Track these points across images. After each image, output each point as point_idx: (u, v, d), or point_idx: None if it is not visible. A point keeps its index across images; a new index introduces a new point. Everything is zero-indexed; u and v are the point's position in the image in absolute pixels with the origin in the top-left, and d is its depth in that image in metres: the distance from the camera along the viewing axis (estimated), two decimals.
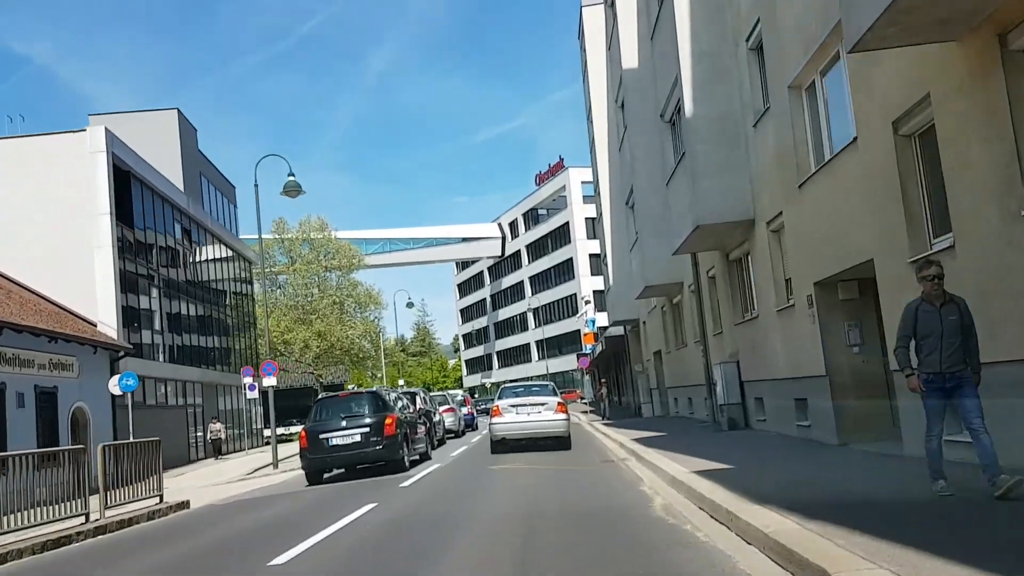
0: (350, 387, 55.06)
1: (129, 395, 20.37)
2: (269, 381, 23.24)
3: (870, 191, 9.83)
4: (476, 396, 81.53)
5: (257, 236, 26.36)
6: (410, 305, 55.85)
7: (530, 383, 22.45)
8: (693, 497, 8.57)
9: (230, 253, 41.65)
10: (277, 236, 63.68)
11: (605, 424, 26.53)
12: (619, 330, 37.38)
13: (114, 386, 20.13)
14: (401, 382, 60.85)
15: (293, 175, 23.49)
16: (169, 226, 33.14)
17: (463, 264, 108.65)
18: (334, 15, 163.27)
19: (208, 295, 37.82)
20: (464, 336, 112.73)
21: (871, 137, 9.69)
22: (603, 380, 33.63)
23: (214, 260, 39.20)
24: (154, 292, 30.83)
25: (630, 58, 22.23)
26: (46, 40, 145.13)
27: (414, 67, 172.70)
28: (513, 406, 17.49)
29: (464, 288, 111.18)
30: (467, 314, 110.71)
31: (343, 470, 15.63)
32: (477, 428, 34.06)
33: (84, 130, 27.09)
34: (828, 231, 11.38)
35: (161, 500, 13.47)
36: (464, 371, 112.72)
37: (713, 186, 14.54)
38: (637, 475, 11.59)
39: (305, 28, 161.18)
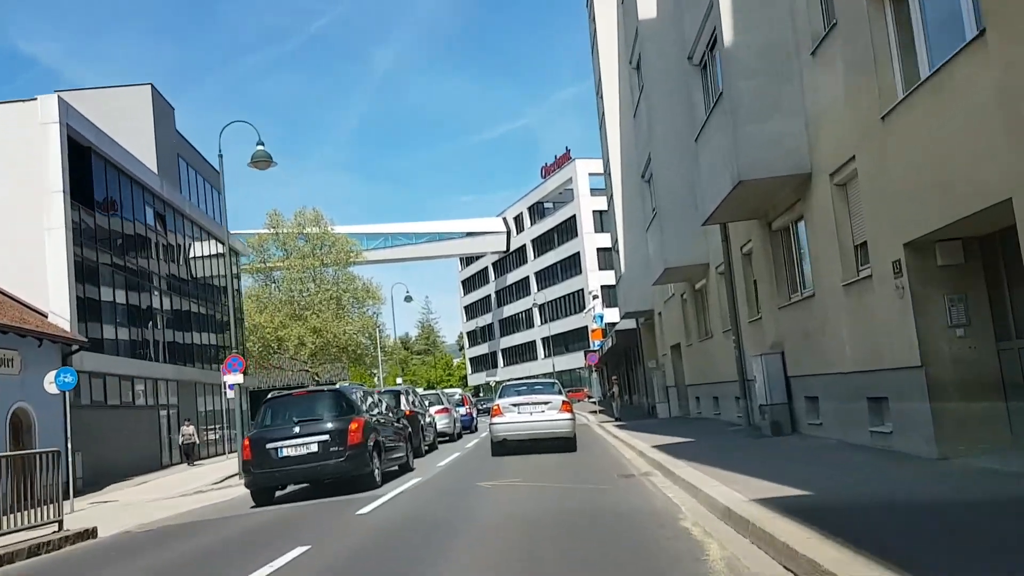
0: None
1: (67, 394, 17.53)
2: (234, 378, 20.43)
3: (1008, 103, 6.88)
4: (481, 395, 78.60)
5: (223, 218, 23.56)
6: (408, 299, 52.89)
7: (533, 380, 20.70)
8: (772, 548, 5.64)
9: (214, 242, 38.82)
10: (271, 230, 60.79)
11: (617, 426, 23.59)
12: (631, 323, 34.45)
13: (50, 384, 17.29)
14: (399, 380, 57.88)
15: (262, 144, 20.62)
16: (139, 210, 30.31)
17: (467, 260, 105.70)
18: (340, 15, 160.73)
19: (188, 287, 34.99)
20: (468, 333, 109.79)
21: (1015, 24, 6.74)
22: (614, 377, 30.69)
23: (195, 249, 36.38)
24: (121, 281, 28.00)
25: (647, 6, 19.30)
26: (50, 41, 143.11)
27: (419, 67, 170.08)
28: (515, 405, 16.08)
29: (468, 284, 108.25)
30: (471, 311, 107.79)
31: (307, 483, 12.74)
32: (476, 430, 31.17)
33: (35, 99, 24.27)
34: (928, 171, 8.43)
35: (60, 528, 10.60)
36: (469, 369, 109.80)
37: (759, 131, 11.60)
38: (670, 499, 8.68)
39: (311, 28, 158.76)
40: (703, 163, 14.27)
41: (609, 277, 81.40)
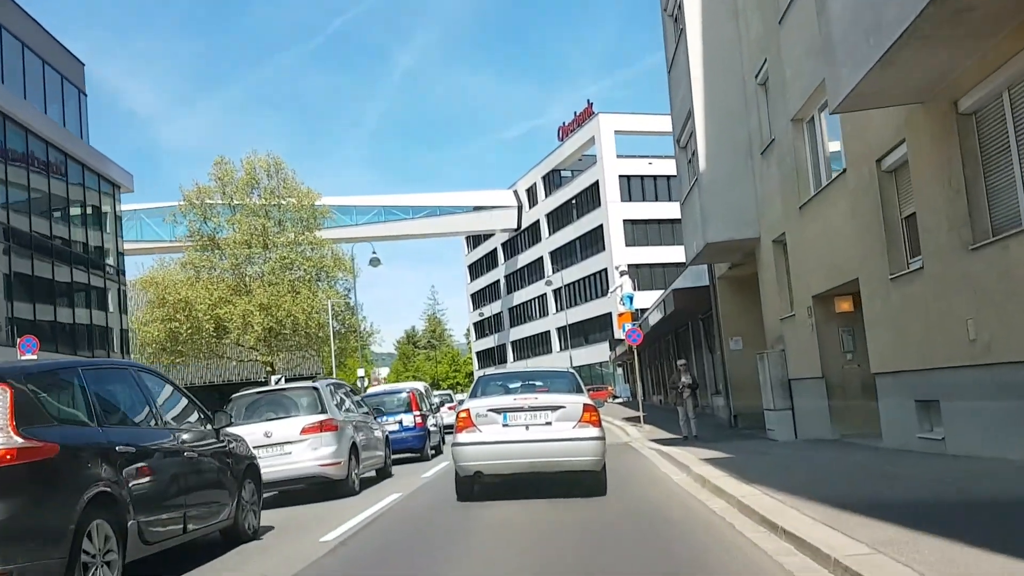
0: (321, 381, 38.72)
1: None
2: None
3: None
4: None
5: (84, 131, 10.31)
6: (375, 263, 39.79)
7: (529, 371, 11.88)
8: None
9: (68, 161, 25.82)
10: (217, 181, 47.27)
11: (720, 467, 10.28)
12: (699, 275, 21.10)
13: None
14: (361, 372, 44.62)
15: None
16: None
17: (474, 241, 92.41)
18: (361, 13, 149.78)
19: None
20: (475, 325, 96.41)
21: None
22: (681, 363, 17.28)
23: (17, 175, 23.35)
24: None
25: None
26: (80, 41, 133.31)
27: (442, 63, 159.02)
28: (496, 411, 8.96)
29: (475, 269, 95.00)
30: (479, 299, 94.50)
31: None
32: (438, 452, 17.87)
33: None
34: None
35: None
36: (475, 364, 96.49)
37: None
38: None
39: (334, 25, 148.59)
40: None
41: (638, 255, 67.61)
